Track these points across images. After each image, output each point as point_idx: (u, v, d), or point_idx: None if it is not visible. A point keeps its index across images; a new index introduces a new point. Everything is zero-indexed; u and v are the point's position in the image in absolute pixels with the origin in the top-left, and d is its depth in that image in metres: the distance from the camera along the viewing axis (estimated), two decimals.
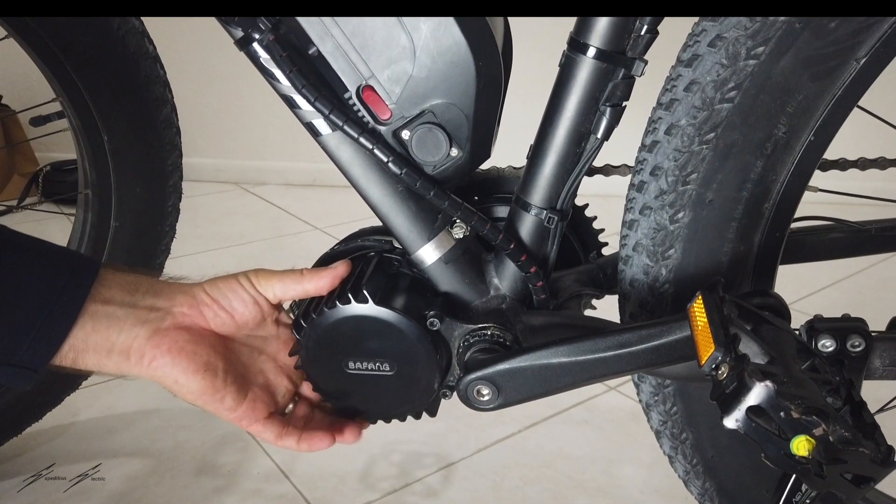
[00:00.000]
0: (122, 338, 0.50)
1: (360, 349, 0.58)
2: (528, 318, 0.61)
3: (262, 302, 0.56)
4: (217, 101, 2.37)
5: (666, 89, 0.56)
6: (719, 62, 0.53)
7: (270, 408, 0.57)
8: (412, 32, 0.54)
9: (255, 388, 0.57)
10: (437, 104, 0.56)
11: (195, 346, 0.53)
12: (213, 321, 0.54)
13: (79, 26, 0.80)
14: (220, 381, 0.53)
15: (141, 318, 0.51)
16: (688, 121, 0.55)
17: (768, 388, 0.44)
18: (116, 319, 0.50)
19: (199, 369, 0.52)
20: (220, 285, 0.55)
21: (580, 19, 0.56)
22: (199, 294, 0.54)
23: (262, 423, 0.56)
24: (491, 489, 0.99)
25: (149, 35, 0.87)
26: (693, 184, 0.56)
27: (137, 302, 0.52)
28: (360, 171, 0.59)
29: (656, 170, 0.57)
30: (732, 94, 0.53)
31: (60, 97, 0.85)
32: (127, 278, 0.53)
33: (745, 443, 0.45)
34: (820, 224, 0.70)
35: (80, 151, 0.89)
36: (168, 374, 0.52)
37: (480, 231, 0.59)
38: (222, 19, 0.55)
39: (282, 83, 0.56)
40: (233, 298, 0.55)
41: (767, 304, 0.52)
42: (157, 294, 0.53)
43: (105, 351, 0.50)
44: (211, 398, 0.53)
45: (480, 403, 0.57)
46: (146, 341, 0.51)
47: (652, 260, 0.60)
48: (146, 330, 0.51)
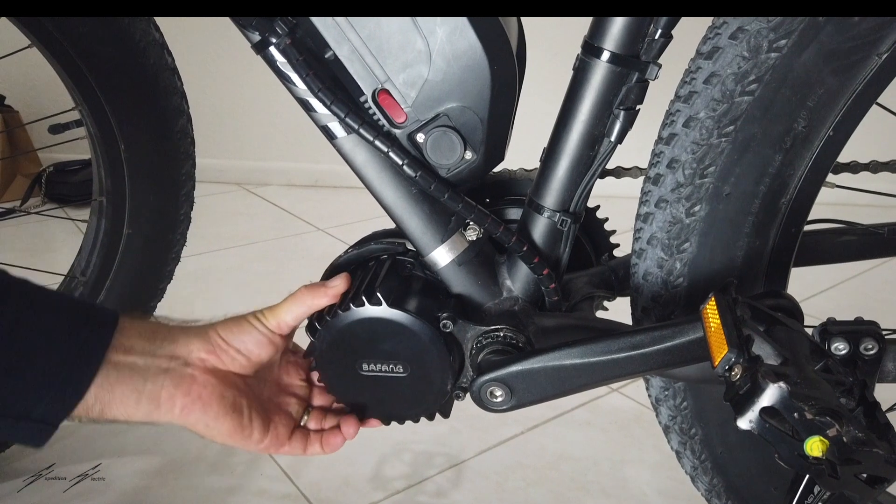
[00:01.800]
0: (148, 386, 0.51)
1: (373, 351, 0.58)
2: (541, 319, 0.61)
3: (276, 339, 0.57)
4: (220, 103, 2.37)
5: (685, 81, 0.56)
6: (740, 55, 0.52)
7: (290, 427, 0.59)
8: (428, 36, 0.55)
9: (274, 414, 0.59)
10: (451, 107, 0.57)
11: (222, 389, 0.54)
12: (231, 364, 0.55)
13: (101, 37, 0.82)
14: (245, 419, 0.55)
15: (163, 366, 0.52)
16: (707, 113, 0.55)
17: (782, 388, 0.44)
18: (139, 369, 0.51)
19: (227, 411, 0.54)
20: (234, 329, 0.56)
21: (594, 23, 0.57)
22: (214, 339, 0.55)
23: (288, 444, 0.58)
24: (494, 490, 0.99)
25: (168, 47, 0.88)
26: (710, 177, 0.56)
27: (156, 350, 0.53)
28: (375, 173, 0.59)
29: (673, 162, 0.57)
30: (753, 86, 0.53)
31: (80, 106, 0.86)
32: (144, 326, 0.54)
33: (754, 440, 0.45)
34: (832, 227, 0.71)
35: (97, 159, 0.90)
36: (199, 420, 0.53)
37: (494, 233, 0.59)
38: (240, 24, 0.56)
39: (298, 87, 0.56)
40: (248, 341, 0.56)
41: (780, 305, 0.53)
42: (175, 341, 0.54)
43: (133, 400, 0.51)
44: (240, 436, 0.55)
45: (494, 405, 0.58)
46: (175, 389, 0.52)
47: (667, 253, 0.59)
48: (171, 378, 0.52)
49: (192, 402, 0.52)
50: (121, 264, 0.94)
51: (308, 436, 0.60)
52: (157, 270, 0.98)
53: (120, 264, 0.94)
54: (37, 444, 0.48)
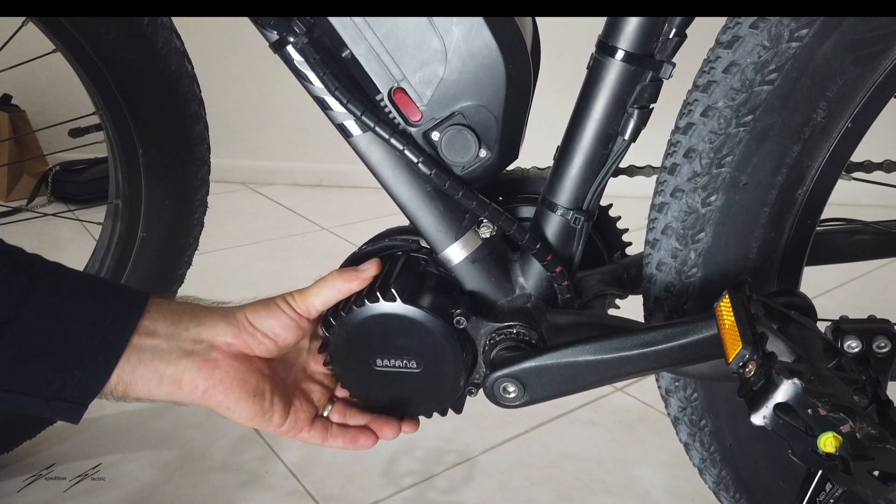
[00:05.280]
0: (169, 369, 0.52)
1: (387, 346, 0.59)
2: (553, 316, 0.62)
3: (303, 322, 0.58)
4: (225, 102, 2.38)
5: (703, 71, 0.56)
6: (761, 44, 0.52)
7: (311, 415, 0.60)
8: (444, 36, 0.55)
9: (296, 400, 0.59)
10: (467, 106, 0.57)
11: (245, 374, 0.55)
12: (257, 349, 0.56)
13: (125, 44, 0.83)
14: (267, 402, 0.56)
15: (186, 349, 0.53)
16: (725, 103, 0.54)
17: (796, 385, 0.45)
18: (161, 352, 0.52)
19: (249, 396, 0.54)
20: (262, 312, 0.56)
21: (609, 22, 0.57)
22: (241, 322, 0.56)
23: (307, 430, 0.59)
24: (497, 489, 1.00)
25: (188, 55, 0.89)
26: (728, 167, 0.56)
27: (181, 333, 0.54)
28: (390, 171, 0.60)
29: (690, 152, 0.57)
30: (773, 76, 0.53)
31: (101, 110, 0.88)
32: (171, 308, 0.54)
33: (765, 432, 0.46)
34: (845, 226, 0.71)
35: (114, 162, 0.92)
36: (221, 403, 0.54)
37: (507, 231, 0.60)
38: (258, 23, 0.56)
39: (314, 85, 0.57)
40: (275, 325, 0.56)
41: (794, 303, 0.53)
42: (201, 324, 0.55)
43: (154, 382, 0.52)
44: (261, 419, 0.56)
45: (506, 400, 0.58)
46: (197, 373, 0.53)
47: (681, 243, 0.59)
48: (193, 361, 0.53)
49: (214, 385, 0.53)
50: (134, 266, 0.96)
51: (329, 427, 0.60)
52: (169, 273, 0.99)
53: (133, 266, 0.96)
54: (73, 421, 0.51)
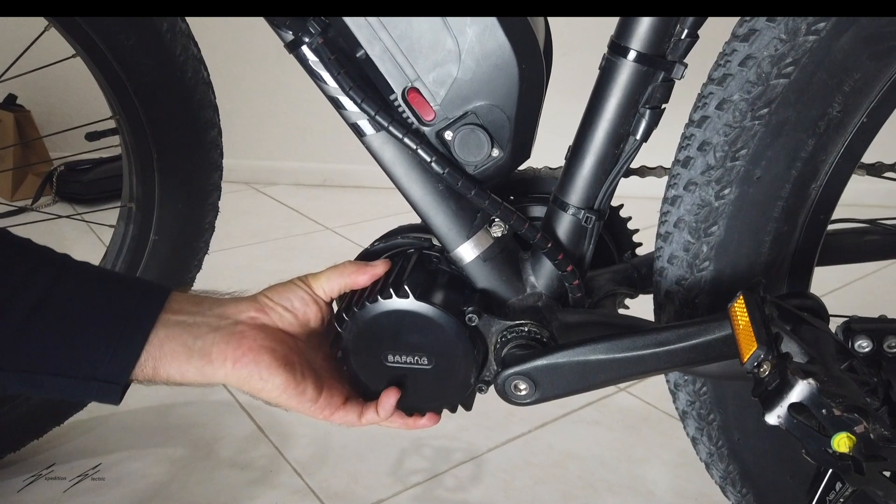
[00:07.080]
0: (198, 343, 0.53)
1: (399, 343, 0.59)
2: (564, 315, 0.62)
3: (319, 300, 0.59)
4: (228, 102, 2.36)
5: (719, 64, 0.56)
6: (778, 37, 0.52)
7: (344, 395, 0.60)
8: (458, 36, 0.55)
9: (326, 380, 0.59)
10: (480, 106, 0.58)
11: (273, 344, 0.55)
12: (279, 322, 0.57)
13: (144, 49, 0.84)
14: (298, 374, 0.56)
15: (213, 324, 0.54)
16: (741, 96, 0.54)
17: (811, 385, 0.45)
18: (188, 326, 0.53)
19: (280, 364, 0.55)
20: (279, 289, 0.59)
21: (621, 22, 0.57)
22: (261, 299, 0.58)
23: (342, 409, 0.59)
24: (501, 488, 1.00)
25: (205, 62, 0.90)
26: (742, 160, 0.56)
27: (205, 311, 0.55)
28: (403, 170, 0.60)
29: (704, 145, 0.57)
30: (790, 69, 0.53)
31: (118, 115, 0.89)
32: (193, 295, 0.57)
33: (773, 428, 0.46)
34: (855, 226, 0.71)
35: (129, 167, 0.92)
36: (253, 373, 0.54)
37: (519, 230, 0.60)
38: (273, 23, 0.56)
39: (329, 85, 0.57)
40: (293, 299, 0.58)
41: (806, 305, 0.53)
42: (223, 305, 0.57)
43: (185, 356, 0.53)
44: (294, 391, 0.56)
45: (517, 398, 0.58)
46: (226, 345, 0.54)
47: (694, 236, 0.59)
48: (221, 335, 0.54)
49: (244, 354, 0.54)
50: (146, 269, 0.96)
51: (362, 405, 0.61)
52: (179, 276, 1.00)
53: (145, 269, 0.96)
54: (114, 402, 0.52)
